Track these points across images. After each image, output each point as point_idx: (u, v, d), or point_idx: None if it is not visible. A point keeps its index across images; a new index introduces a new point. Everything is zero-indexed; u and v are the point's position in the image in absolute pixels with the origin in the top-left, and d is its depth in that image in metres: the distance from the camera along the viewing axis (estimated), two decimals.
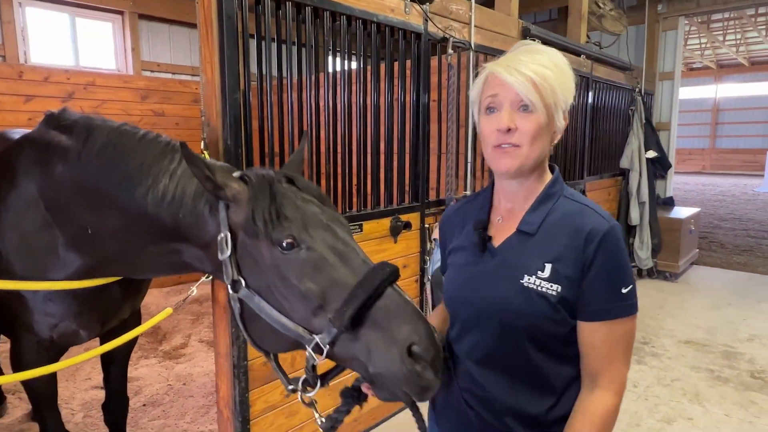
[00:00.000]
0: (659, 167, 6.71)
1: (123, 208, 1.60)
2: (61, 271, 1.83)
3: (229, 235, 1.37)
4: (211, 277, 2.00)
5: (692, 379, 3.84)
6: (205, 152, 2.18)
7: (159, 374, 3.83)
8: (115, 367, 2.46)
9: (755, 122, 23.41)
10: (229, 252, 1.36)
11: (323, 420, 1.26)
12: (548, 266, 1.13)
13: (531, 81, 1.10)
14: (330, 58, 2.77)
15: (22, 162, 1.85)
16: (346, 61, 2.81)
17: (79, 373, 3.80)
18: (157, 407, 3.37)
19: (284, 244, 1.27)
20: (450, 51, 3.34)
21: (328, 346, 1.17)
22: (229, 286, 1.36)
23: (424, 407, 1.32)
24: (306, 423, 2.72)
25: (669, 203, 7.19)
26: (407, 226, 3.17)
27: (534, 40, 4.20)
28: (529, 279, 1.14)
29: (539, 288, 1.13)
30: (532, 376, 1.18)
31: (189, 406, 3.37)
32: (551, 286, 1.12)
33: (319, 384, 1.25)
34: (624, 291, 1.12)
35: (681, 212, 6.78)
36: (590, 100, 5.38)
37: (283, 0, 2.41)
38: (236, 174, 1.45)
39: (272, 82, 2.47)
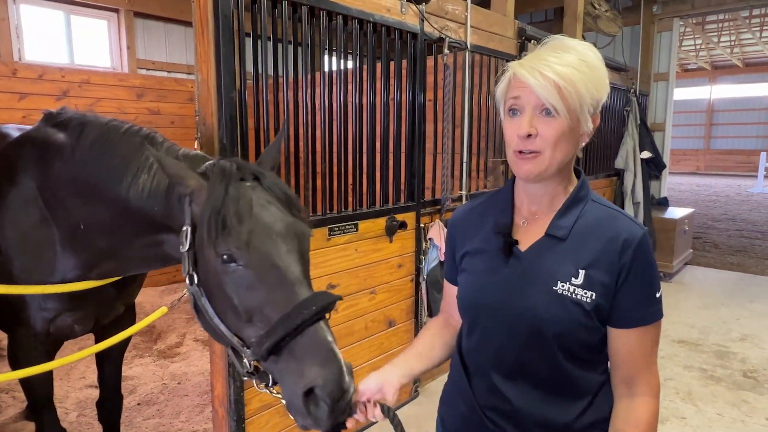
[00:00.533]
0: (654, 168, 6.75)
1: (111, 201, 1.65)
2: (57, 269, 1.85)
3: (189, 229, 1.40)
4: None
5: (685, 378, 3.87)
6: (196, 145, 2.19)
7: (154, 373, 3.82)
8: (109, 364, 2.47)
9: (749, 123, 23.57)
10: (187, 246, 1.39)
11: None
12: (582, 272, 1.09)
13: (555, 85, 1.04)
14: (326, 57, 2.77)
15: (22, 160, 1.89)
16: (342, 61, 2.81)
17: (73, 372, 3.79)
18: (151, 406, 3.36)
19: (224, 257, 1.28)
20: (446, 51, 3.35)
21: (253, 362, 1.28)
22: (186, 278, 1.40)
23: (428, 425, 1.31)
24: None
25: (663, 204, 7.23)
26: (403, 225, 3.18)
27: (530, 41, 4.22)
28: (562, 286, 1.09)
29: (574, 295, 1.08)
30: (561, 385, 1.14)
31: (184, 405, 3.37)
32: (585, 293, 1.08)
33: (271, 380, 1.30)
34: (657, 295, 1.12)
35: (675, 213, 6.82)
36: None
37: None
38: (204, 166, 1.47)
39: (268, 81, 2.47)
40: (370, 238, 3.01)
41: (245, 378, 1.38)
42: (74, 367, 3.83)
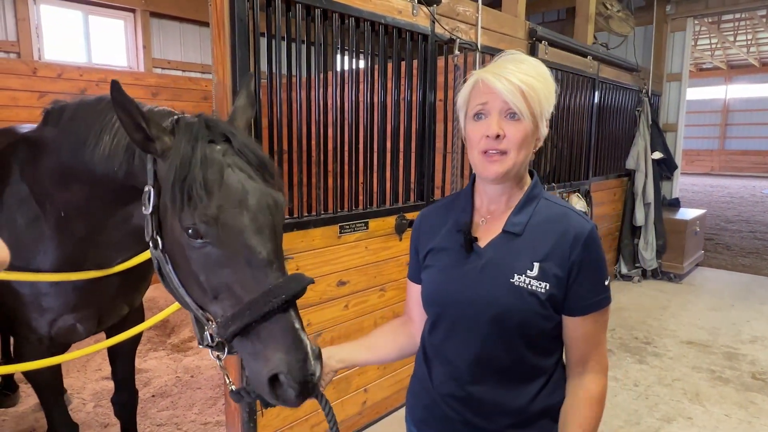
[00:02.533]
0: (665, 168, 6.73)
1: (80, 174, 1.62)
2: (48, 264, 1.86)
3: (153, 191, 1.30)
4: None
5: (693, 379, 3.87)
6: None
7: (168, 366, 3.90)
8: (121, 360, 2.48)
9: (765, 124, 23.22)
10: (150, 209, 1.29)
11: (233, 388, 1.31)
12: (536, 265, 1.18)
13: (519, 90, 1.14)
14: (338, 57, 2.82)
15: (16, 162, 1.93)
16: (354, 61, 2.86)
17: (90, 364, 3.89)
18: (165, 398, 3.45)
19: (189, 231, 1.19)
20: (456, 52, 3.38)
21: (217, 339, 1.25)
22: (150, 243, 1.32)
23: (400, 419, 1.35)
24: (311, 415, 2.78)
25: (674, 204, 7.19)
26: (412, 224, 3.22)
27: (541, 42, 4.24)
28: (519, 277, 1.18)
29: (529, 286, 1.17)
30: (520, 371, 1.23)
31: (197, 398, 3.45)
32: (540, 284, 1.17)
33: (226, 350, 1.27)
34: (606, 283, 1.23)
35: (686, 214, 6.79)
36: (596, 100, 5.40)
37: (293, 2, 2.46)
38: (169, 121, 1.35)
39: (282, 81, 2.53)
40: (379, 236, 3.06)
41: (200, 346, 1.33)
42: (91, 359, 3.93)
